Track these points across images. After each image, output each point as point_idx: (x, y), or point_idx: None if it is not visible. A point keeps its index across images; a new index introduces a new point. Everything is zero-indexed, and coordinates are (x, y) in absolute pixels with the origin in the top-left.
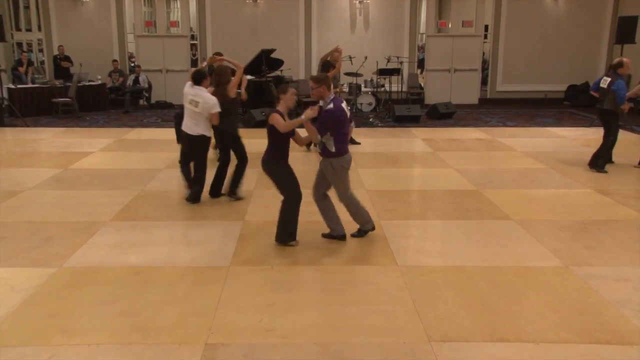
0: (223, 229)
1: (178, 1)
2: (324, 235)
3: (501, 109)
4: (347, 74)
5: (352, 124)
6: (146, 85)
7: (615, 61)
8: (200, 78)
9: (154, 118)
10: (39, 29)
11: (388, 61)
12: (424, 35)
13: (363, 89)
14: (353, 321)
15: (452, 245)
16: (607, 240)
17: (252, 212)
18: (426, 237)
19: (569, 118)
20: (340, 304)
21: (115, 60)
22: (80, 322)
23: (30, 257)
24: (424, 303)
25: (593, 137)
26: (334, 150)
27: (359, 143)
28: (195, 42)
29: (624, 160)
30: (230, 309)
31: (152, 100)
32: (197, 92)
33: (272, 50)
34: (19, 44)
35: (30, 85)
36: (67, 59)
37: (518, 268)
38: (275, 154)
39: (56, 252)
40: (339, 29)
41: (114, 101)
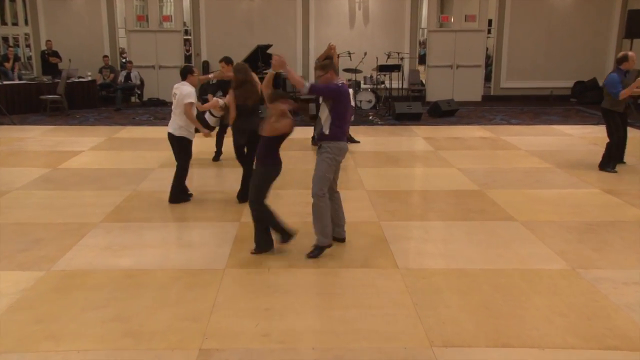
0: (218, 231)
1: None
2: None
3: (505, 106)
4: (346, 71)
5: (351, 117)
6: (138, 82)
7: (620, 55)
8: (185, 73)
9: (146, 116)
10: (26, 22)
11: (388, 57)
12: (426, 30)
13: (362, 85)
14: (352, 326)
15: (454, 247)
16: (615, 241)
17: (248, 213)
18: (427, 239)
19: (575, 115)
20: (339, 308)
21: (105, 56)
22: (69, 327)
23: (17, 260)
24: (425, 307)
25: (601, 135)
26: (327, 132)
27: (358, 142)
28: (189, 37)
29: (634, 159)
30: (225, 313)
31: (144, 98)
32: (178, 86)
33: (269, 46)
34: (5, 39)
35: (17, 82)
36: (56, 54)
37: (523, 271)
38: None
39: (44, 255)
40: (338, 24)
41: (105, 98)
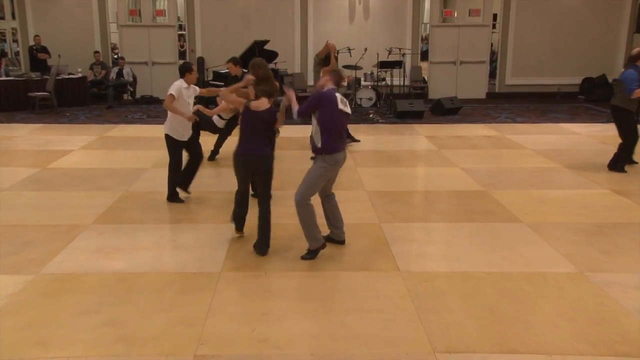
0: (213, 233)
1: None
2: (325, 238)
3: (510, 104)
4: (346, 67)
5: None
6: (130, 79)
7: (634, 52)
8: (182, 70)
9: (139, 114)
10: (13, 17)
11: (389, 53)
12: (428, 25)
13: (363, 82)
14: (352, 330)
15: (457, 249)
16: (625, 244)
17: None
18: (430, 241)
19: (583, 113)
20: (338, 312)
21: (97, 52)
22: (59, 333)
23: (4, 264)
24: (427, 311)
25: (610, 134)
26: (320, 145)
27: (359, 140)
28: (184, 33)
29: None
30: (221, 318)
31: (137, 95)
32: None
33: (266, 42)
34: None
35: (4, 78)
36: (44, 49)
37: (529, 274)
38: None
39: (33, 258)
40: (337, 19)
41: (96, 96)
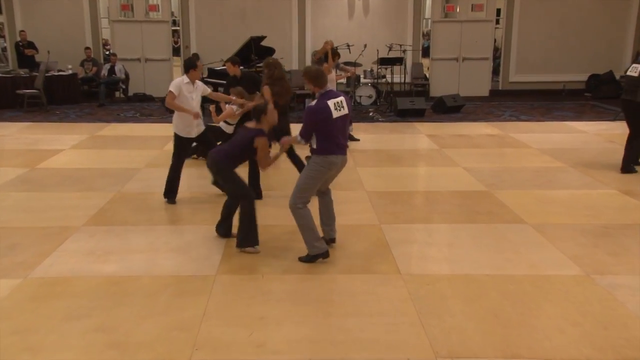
0: (209, 234)
1: None
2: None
3: (514, 101)
4: (345, 64)
5: (350, 127)
6: (123, 76)
7: None
8: (187, 67)
9: (132, 112)
10: (0, 11)
11: (390, 49)
12: (430, 20)
13: (362, 80)
14: (352, 335)
15: (460, 251)
16: (633, 246)
17: None
18: (431, 243)
19: (590, 111)
20: (337, 316)
21: (87, 48)
22: (49, 338)
23: None
24: (429, 315)
25: (617, 132)
26: (315, 147)
27: (358, 139)
28: (178, 28)
29: None
30: (216, 322)
31: (130, 93)
32: None
33: (263, 38)
34: None
35: None
36: (31, 45)
37: (534, 277)
38: (232, 162)
39: (22, 261)
40: (336, 14)
41: (87, 93)
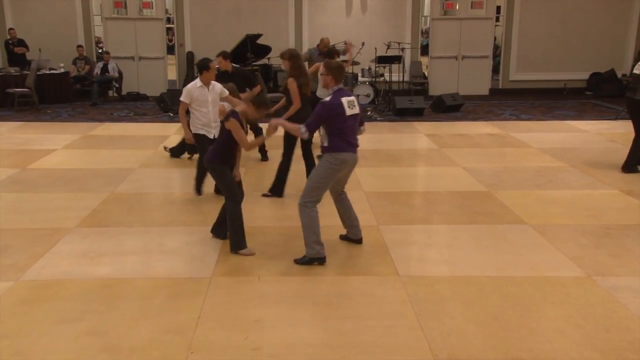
0: (204, 236)
1: None
2: (342, 237)
3: (515, 100)
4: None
5: (362, 127)
6: (116, 75)
7: None
8: (200, 68)
9: (125, 111)
10: None
11: (388, 48)
12: (429, 18)
13: (360, 78)
14: (350, 338)
15: (459, 252)
16: (635, 247)
17: None
18: (431, 244)
19: (591, 110)
20: (335, 319)
21: (80, 46)
22: (40, 343)
23: None
24: (428, 318)
25: (619, 132)
26: (326, 144)
27: None
28: (172, 26)
29: None
30: (211, 325)
31: (123, 92)
32: None
33: (259, 36)
34: None
35: None
36: (22, 43)
37: (534, 278)
38: (219, 158)
39: (12, 264)
40: (333, 11)
41: (80, 92)
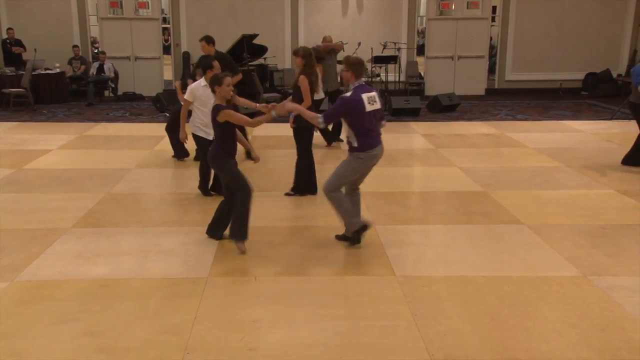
0: (200, 236)
1: None
2: (338, 237)
3: (511, 100)
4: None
5: (382, 121)
6: (112, 75)
7: None
8: (203, 68)
9: (121, 112)
10: None
11: (384, 48)
12: (425, 18)
13: None
14: (346, 338)
15: (456, 252)
16: (631, 246)
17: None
18: (427, 244)
19: (587, 110)
20: (331, 319)
21: (75, 46)
22: (36, 343)
23: None
24: (425, 317)
25: (615, 131)
26: (356, 145)
27: (342, 140)
28: (168, 26)
29: None
30: (208, 325)
31: (119, 92)
32: None
33: (255, 36)
34: None
35: None
36: (19, 43)
37: (531, 278)
38: (221, 152)
39: (8, 264)
40: (329, 11)
41: (75, 92)
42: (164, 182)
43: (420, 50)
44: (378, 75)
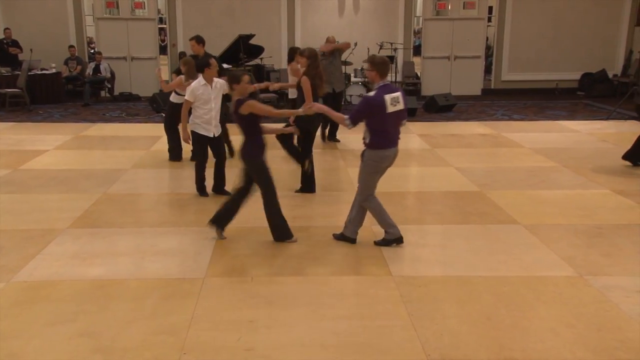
0: (197, 236)
1: None
2: (336, 237)
3: (507, 100)
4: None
5: (403, 121)
6: (108, 75)
7: None
8: (200, 67)
9: (118, 112)
10: None
11: (380, 48)
12: (421, 18)
13: (353, 79)
14: (343, 339)
15: (452, 252)
16: (627, 246)
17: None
18: (424, 244)
19: (583, 110)
20: (328, 319)
21: (72, 46)
22: (32, 344)
23: None
24: (421, 318)
25: (611, 131)
26: (367, 142)
27: (338, 140)
28: (164, 26)
29: None
30: (204, 326)
31: (115, 92)
32: None
33: (251, 36)
34: None
35: None
36: (16, 44)
37: (527, 278)
38: (249, 149)
39: (4, 265)
40: (326, 11)
41: (71, 93)
42: (161, 183)
43: (417, 50)
44: None
